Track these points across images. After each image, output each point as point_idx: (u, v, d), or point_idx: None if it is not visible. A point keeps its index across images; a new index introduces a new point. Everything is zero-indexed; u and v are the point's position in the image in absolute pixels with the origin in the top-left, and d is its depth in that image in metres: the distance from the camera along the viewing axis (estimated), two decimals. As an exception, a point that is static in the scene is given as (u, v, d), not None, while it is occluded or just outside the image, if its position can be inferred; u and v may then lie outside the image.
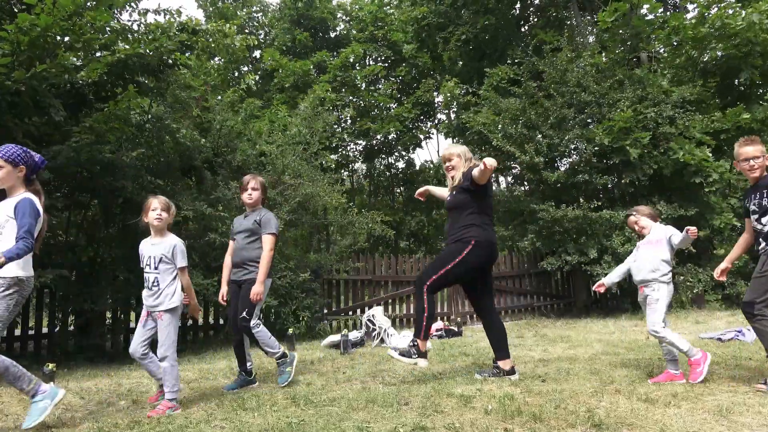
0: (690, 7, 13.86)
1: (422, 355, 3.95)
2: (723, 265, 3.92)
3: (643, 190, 10.13)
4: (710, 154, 9.44)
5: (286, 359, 4.14)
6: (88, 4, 5.36)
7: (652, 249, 4.00)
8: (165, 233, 3.65)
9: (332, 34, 20.35)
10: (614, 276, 4.26)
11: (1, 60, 4.53)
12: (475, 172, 3.84)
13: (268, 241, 4.08)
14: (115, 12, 6.07)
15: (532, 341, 6.51)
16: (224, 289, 4.22)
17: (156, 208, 3.58)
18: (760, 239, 3.64)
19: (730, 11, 10.12)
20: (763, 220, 3.62)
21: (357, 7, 19.73)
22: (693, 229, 3.81)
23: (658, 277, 3.90)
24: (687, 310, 8.88)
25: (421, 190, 4.71)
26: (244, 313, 3.98)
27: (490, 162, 3.68)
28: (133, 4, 6.22)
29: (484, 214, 4.09)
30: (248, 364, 4.15)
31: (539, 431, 2.69)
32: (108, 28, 5.63)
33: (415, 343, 3.95)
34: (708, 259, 9.61)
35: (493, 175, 16.71)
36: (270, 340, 4.07)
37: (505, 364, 4.10)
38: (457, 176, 4.15)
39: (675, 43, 11.27)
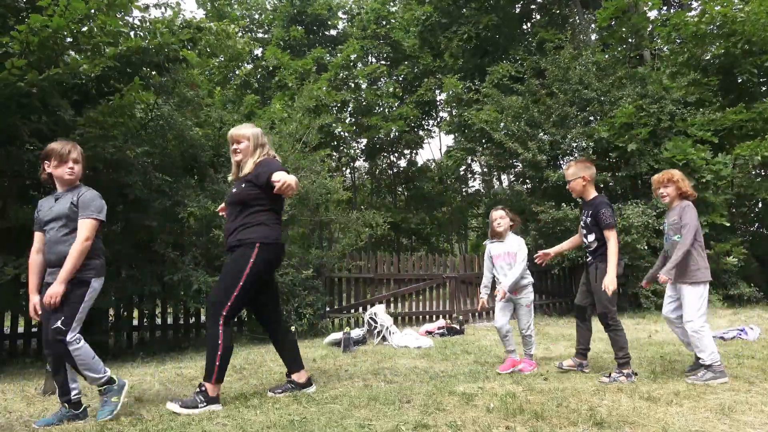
0: (694, 4, 13.85)
1: (213, 400, 3.27)
2: (547, 250, 4.56)
3: (643, 186, 10.14)
4: (707, 154, 9.40)
5: (113, 386, 3.15)
6: (102, 7, 5.35)
7: (511, 261, 4.45)
8: None
9: (333, 32, 20.32)
10: (486, 281, 4.68)
11: (16, 62, 4.52)
12: (275, 181, 3.21)
13: (84, 227, 3.06)
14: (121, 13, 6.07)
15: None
16: (35, 299, 3.15)
17: None
18: (591, 254, 4.12)
19: (736, 9, 10.11)
20: (589, 237, 4.10)
21: (357, 5, 19.69)
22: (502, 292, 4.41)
23: (528, 284, 4.47)
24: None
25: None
26: (59, 323, 2.97)
27: (289, 181, 3.18)
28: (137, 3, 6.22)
29: (273, 211, 3.58)
30: (73, 393, 3.12)
31: (541, 429, 2.70)
32: (116, 30, 5.63)
33: (203, 388, 3.27)
34: None
35: (494, 171, 16.75)
36: (93, 362, 3.08)
37: (300, 377, 3.71)
38: (247, 164, 3.57)
39: (678, 41, 11.27)
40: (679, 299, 3.93)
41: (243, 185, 3.51)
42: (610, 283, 3.82)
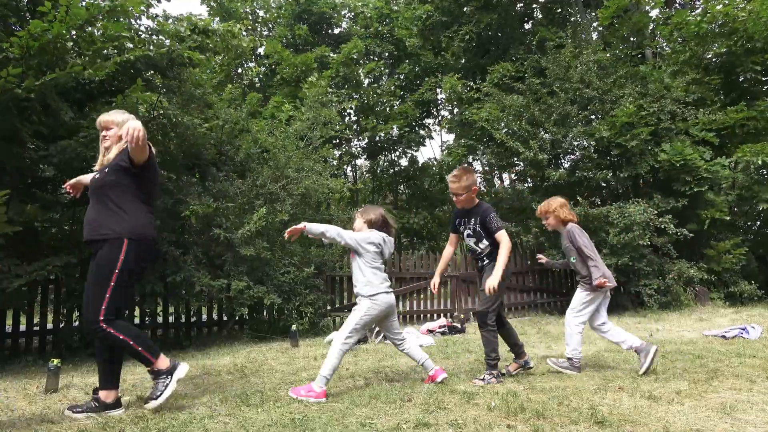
0: (696, 3, 13.83)
1: (170, 371, 3.17)
2: (435, 279, 4.32)
3: (644, 186, 10.16)
4: (706, 153, 9.41)
5: None
6: (101, 15, 5.35)
7: (354, 263, 3.82)
8: None
9: (336, 30, 20.33)
10: None
11: (11, 71, 4.54)
12: (130, 148, 3.05)
13: None
14: (128, 20, 6.08)
15: (535, 338, 6.51)
16: None
17: None
18: (484, 257, 4.10)
19: (738, 8, 10.10)
20: (481, 244, 4.11)
21: (361, 3, 19.69)
22: None
23: (359, 291, 3.76)
24: (691, 308, 8.87)
25: (72, 182, 3.62)
26: None
27: (134, 126, 2.90)
28: (143, 8, 6.22)
29: (141, 200, 3.26)
30: None
31: (542, 428, 2.70)
32: (118, 34, 5.63)
33: (155, 368, 3.15)
34: (701, 255, 9.59)
35: (496, 169, 16.77)
36: None
37: (107, 397, 3.22)
38: (112, 151, 3.31)
39: (680, 40, 11.26)
40: (598, 309, 4.27)
41: (107, 170, 3.22)
42: (495, 282, 3.74)
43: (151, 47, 5.87)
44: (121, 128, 3.21)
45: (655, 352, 3.97)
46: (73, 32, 4.97)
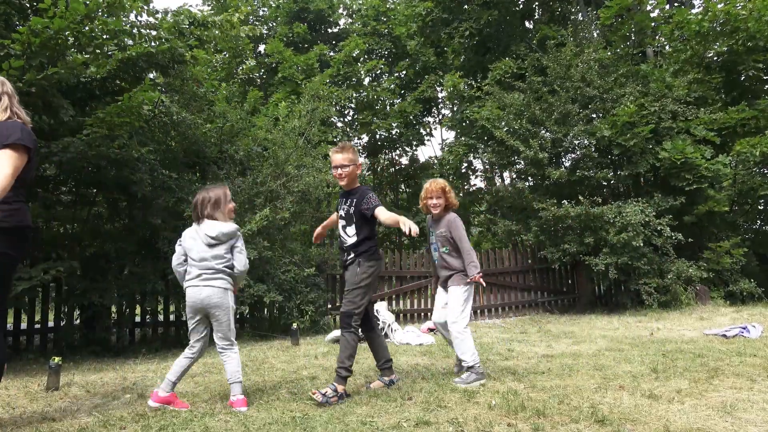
0: (696, 2, 13.81)
1: None
2: (318, 229, 4.02)
3: (645, 185, 10.16)
4: (708, 153, 9.42)
5: None
6: (99, 10, 5.36)
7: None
8: None
9: (334, 29, 20.34)
10: None
11: (14, 63, 4.56)
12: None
13: None
14: (127, 15, 6.08)
15: (536, 337, 6.51)
16: None
17: None
18: (351, 251, 3.62)
19: (739, 6, 10.09)
20: (349, 230, 3.64)
21: (359, 1, 19.70)
22: None
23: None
24: (691, 307, 8.86)
25: None
26: None
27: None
28: (141, 4, 6.23)
29: (13, 187, 2.63)
30: None
31: (543, 426, 2.70)
32: (117, 30, 5.65)
33: None
34: (701, 254, 9.58)
35: (497, 168, 16.74)
36: None
37: None
38: None
39: (681, 39, 11.25)
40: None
41: None
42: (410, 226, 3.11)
43: (153, 44, 5.87)
44: None
45: (480, 382, 3.69)
46: (74, 28, 4.96)
